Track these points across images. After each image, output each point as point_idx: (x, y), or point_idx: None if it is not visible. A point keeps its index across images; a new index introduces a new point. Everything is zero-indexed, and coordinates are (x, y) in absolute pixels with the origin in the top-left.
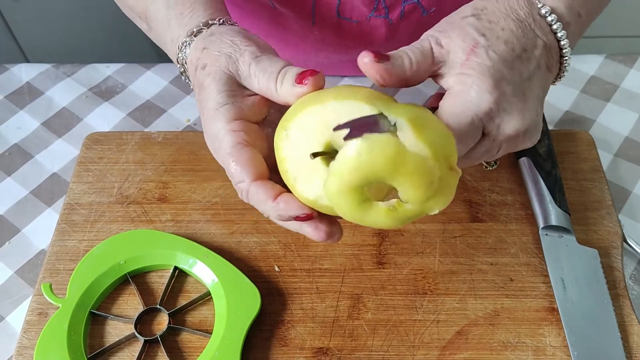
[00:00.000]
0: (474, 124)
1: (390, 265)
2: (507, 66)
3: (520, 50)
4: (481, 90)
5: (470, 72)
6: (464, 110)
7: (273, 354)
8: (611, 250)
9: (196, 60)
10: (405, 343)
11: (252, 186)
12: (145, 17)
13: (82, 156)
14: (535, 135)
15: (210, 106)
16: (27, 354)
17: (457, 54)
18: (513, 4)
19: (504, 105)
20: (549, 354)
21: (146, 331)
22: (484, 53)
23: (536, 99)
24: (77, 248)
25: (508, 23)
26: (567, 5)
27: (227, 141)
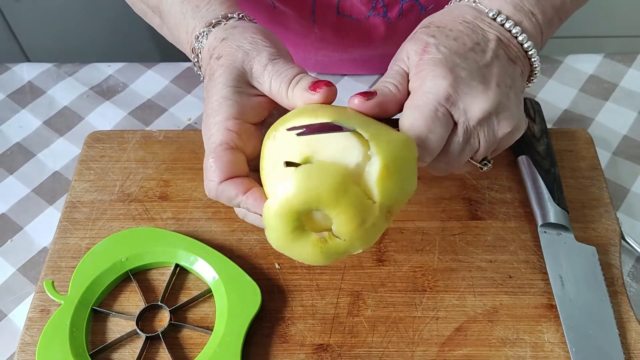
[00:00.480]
0: (438, 111)
1: (389, 262)
2: (459, 57)
3: (472, 44)
4: (435, 78)
5: (424, 66)
6: (424, 101)
7: (273, 350)
8: (609, 248)
9: (212, 49)
10: (405, 339)
11: (220, 186)
12: (159, 11)
13: (83, 154)
14: (514, 120)
15: (215, 97)
16: (30, 350)
17: (412, 58)
18: (460, 11)
19: (463, 89)
20: (547, 351)
21: (147, 328)
22: (435, 49)
23: (504, 86)
24: (78, 246)
25: (456, 25)
26: (516, 6)
27: (216, 137)
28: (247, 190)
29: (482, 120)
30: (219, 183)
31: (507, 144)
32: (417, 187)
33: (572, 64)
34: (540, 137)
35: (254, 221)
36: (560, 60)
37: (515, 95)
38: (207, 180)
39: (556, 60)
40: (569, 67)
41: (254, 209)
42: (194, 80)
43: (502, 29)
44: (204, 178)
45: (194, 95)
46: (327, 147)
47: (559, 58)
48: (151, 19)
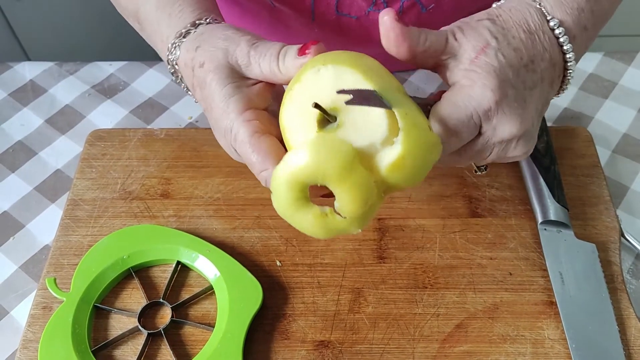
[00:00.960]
0: (472, 119)
1: (390, 259)
2: (513, 72)
3: (528, 60)
4: (485, 88)
5: (477, 69)
6: (465, 103)
7: (275, 347)
8: (609, 245)
9: (191, 60)
10: (406, 336)
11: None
12: (137, 18)
13: (85, 153)
14: (529, 146)
15: (218, 101)
16: (32, 347)
17: (467, 51)
18: (525, 14)
19: (504, 108)
20: (547, 347)
21: (149, 325)
22: (494, 54)
23: (535, 111)
24: (80, 243)
25: (519, 32)
26: (575, 19)
27: (243, 132)
28: None
29: (505, 142)
30: (275, 167)
31: (511, 160)
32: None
33: None
34: (540, 135)
35: None
36: None
37: (539, 119)
38: (260, 171)
39: None
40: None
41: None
42: None
43: (556, 46)
44: (256, 174)
45: None
46: (355, 112)
47: None
48: (132, 23)
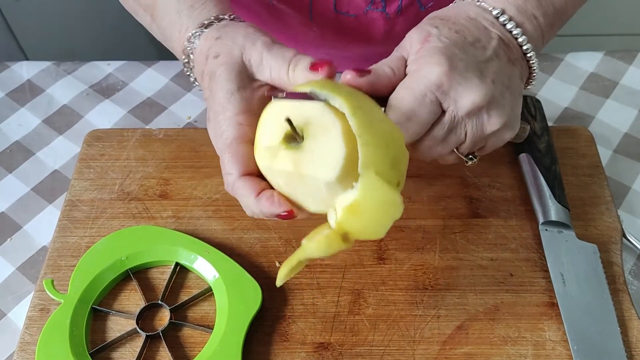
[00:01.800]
0: (427, 97)
1: (390, 260)
2: (459, 48)
3: (473, 39)
4: (431, 65)
5: (423, 53)
6: (417, 84)
7: (274, 349)
8: (610, 246)
9: (207, 49)
10: (406, 338)
11: (238, 180)
12: (152, 10)
13: (83, 153)
14: (504, 117)
15: (221, 95)
16: (29, 349)
17: (413, 45)
18: (464, 8)
19: (457, 78)
20: (548, 349)
21: (148, 327)
22: (436, 39)
23: (500, 84)
24: (78, 244)
25: (459, 20)
26: (519, 8)
27: (229, 132)
28: (261, 191)
29: (471, 112)
30: (238, 177)
31: (496, 142)
32: (418, 185)
33: (573, 62)
34: (541, 134)
35: (258, 216)
36: (561, 58)
37: (511, 95)
38: (226, 174)
39: (557, 58)
40: (570, 65)
41: (267, 209)
42: None
43: (504, 30)
44: (223, 173)
45: (194, 94)
46: (319, 142)
47: (560, 56)
48: (142, 17)
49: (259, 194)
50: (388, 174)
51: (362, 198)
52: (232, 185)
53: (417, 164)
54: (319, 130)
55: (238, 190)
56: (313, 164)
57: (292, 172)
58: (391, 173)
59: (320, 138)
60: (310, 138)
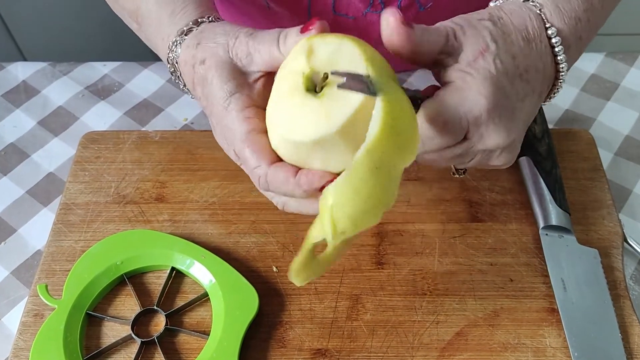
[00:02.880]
0: (461, 123)
1: (389, 265)
2: (508, 80)
3: (523, 69)
4: (479, 94)
5: (474, 73)
6: (456, 106)
7: (271, 355)
8: (611, 250)
9: (191, 57)
10: (405, 344)
11: (270, 169)
12: (136, 16)
13: (78, 155)
14: (511, 156)
15: (219, 99)
16: (23, 355)
17: (466, 52)
18: (526, 19)
19: (494, 117)
20: (549, 355)
21: (143, 332)
22: (492, 59)
23: (522, 123)
24: (73, 248)
25: (518, 38)
26: (572, 29)
27: (241, 129)
28: (296, 173)
29: (489, 151)
30: (268, 165)
31: (488, 166)
32: (418, 189)
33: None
34: (541, 137)
35: (297, 208)
36: None
37: (524, 130)
38: (253, 168)
39: None
40: (570, 67)
41: (310, 185)
42: None
43: (550, 56)
44: (249, 172)
45: None
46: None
47: None
48: (129, 23)
49: (297, 174)
50: (411, 112)
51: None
52: (265, 176)
53: (416, 166)
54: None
55: (274, 179)
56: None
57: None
58: (412, 112)
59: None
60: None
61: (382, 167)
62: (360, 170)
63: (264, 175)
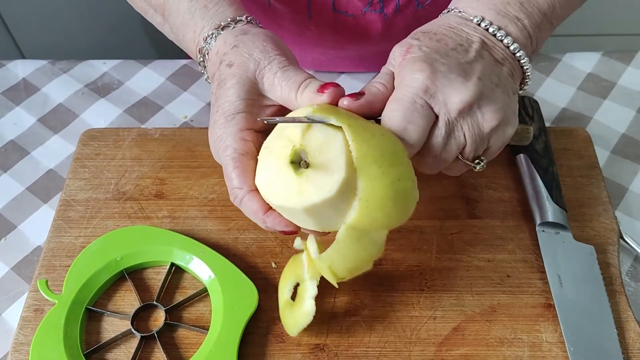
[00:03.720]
0: (416, 102)
1: (387, 261)
2: (440, 54)
3: (455, 45)
4: (413, 72)
5: (405, 64)
6: (403, 94)
7: (270, 350)
8: (607, 247)
9: (223, 54)
10: (402, 339)
11: (247, 195)
12: (163, 10)
13: (78, 152)
14: (499, 113)
15: (228, 108)
16: (24, 350)
17: (397, 59)
18: (445, 20)
19: (442, 81)
20: (545, 350)
21: (142, 327)
22: (417, 49)
23: (488, 80)
24: (73, 244)
25: (440, 30)
26: (499, 12)
27: (235, 147)
28: (267, 210)
29: (463, 111)
30: (247, 192)
31: (499, 141)
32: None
33: (570, 62)
34: (538, 135)
35: (277, 228)
36: (558, 59)
37: (503, 92)
38: (234, 188)
39: (554, 58)
40: (567, 66)
41: (273, 227)
42: (190, 77)
43: (487, 33)
44: (229, 185)
45: (190, 93)
46: (314, 139)
47: (557, 56)
48: (152, 17)
49: (267, 212)
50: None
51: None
52: (241, 199)
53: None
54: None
55: (246, 204)
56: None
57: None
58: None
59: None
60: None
61: (363, 237)
62: (343, 242)
63: (241, 197)
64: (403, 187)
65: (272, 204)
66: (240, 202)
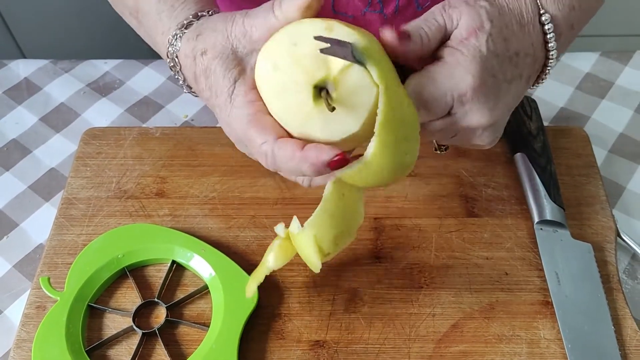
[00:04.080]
0: (446, 98)
1: (386, 259)
2: (498, 62)
3: (513, 53)
4: (467, 71)
5: (465, 50)
6: (443, 81)
7: (270, 346)
8: (605, 245)
9: (192, 50)
10: (402, 336)
11: (276, 144)
12: (136, 12)
13: (80, 151)
14: (494, 137)
15: (224, 86)
16: (26, 346)
17: (460, 29)
18: (521, 4)
19: (479, 96)
20: (543, 347)
21: (144, 324)
22: (484, 39)
23: (506, 105)
24: (75, 242)
25: (512, 21)
26: (565, 16)
27: (247, 112)
28: (303, 146)
29: (471, 129)
30: (274, 141)
31: (467, 143)
32: (415, 184)
33: (569, 62)
34: (536, 134)
35: (322, 181)
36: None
37: (509, 113)
38: (260, 145)
39: None
40: (566, 66)
41: (319, 159)
42: None
43: (542, 43)
44: (256, 152)
45: None
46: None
47: None
48: (129, 20)
49: (304, 147)
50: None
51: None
52: (272, 152)
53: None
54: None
55: (279, 154)
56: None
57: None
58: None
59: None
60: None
61: (347, 193)
62: (329, 200)
63: (270, 150)
64: (407, 162)
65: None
66: (272, 157)
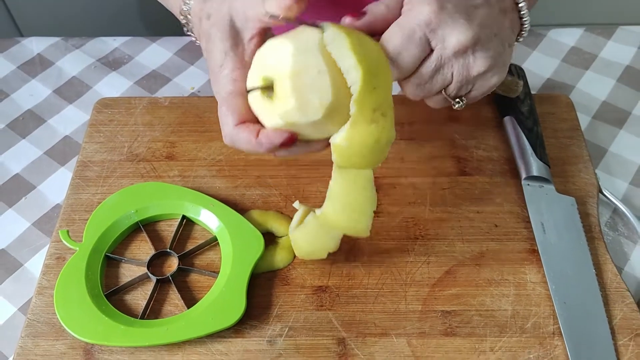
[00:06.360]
0: (416, 32)
1: (384, 214)
2: None
3: None
4: (422, 3)
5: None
6: (407, 21)
7: (276, 291)
8: (587, 199)
9: (199, 10)
10: (398, 281)
11: (234, 129)
12: None
13: (93, 119)
14: (490, 60)
15: (217, 55)
16: (47, 293)
17: None
18: None
19: (445, 18)
20: (529, 289)
21: (158, 272)
22: None
23: (487, 29)
24: (91, 200)
25: None
26: None
27: (225, 87)
28: (258, 131)
29: (458, 52)
30: (233, 126)
31: (482, 87)
32: (410, 147)
33: (555, 37)
34: (524, 99)
35: (285, 153)
36: (544, 34)
37: (499, 43)
38: (223, 125)
39: (540, 34)
40: (552, 40)
41: (270, 144)
42: (197, 52)
43: None
44: (221, 126)
45: (197, 67)
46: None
47: (543, 32)
48: None
49: (258, 134)
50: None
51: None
52: (230, 134)
53: (410, 127)
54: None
55: (236, 138)
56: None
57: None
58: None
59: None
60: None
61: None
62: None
63: (229, 133)
64: (385, 137)
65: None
66: (230, 138)
